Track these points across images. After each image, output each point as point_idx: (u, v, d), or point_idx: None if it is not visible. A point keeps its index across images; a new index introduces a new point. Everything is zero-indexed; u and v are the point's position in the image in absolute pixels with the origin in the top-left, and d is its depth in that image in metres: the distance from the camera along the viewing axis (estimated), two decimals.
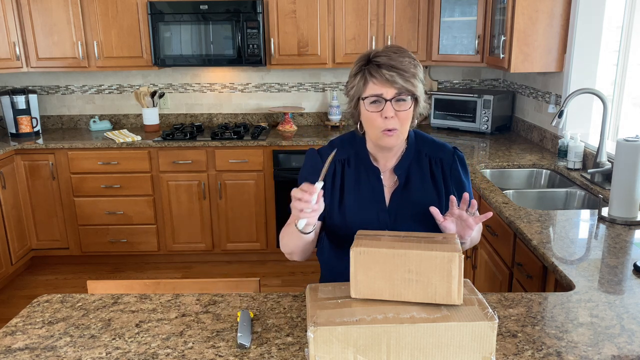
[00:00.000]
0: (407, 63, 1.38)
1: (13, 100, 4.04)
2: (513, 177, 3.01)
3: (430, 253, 1.10)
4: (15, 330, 1.34)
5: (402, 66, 1.37)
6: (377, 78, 1.38)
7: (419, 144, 1.56)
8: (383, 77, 1.37)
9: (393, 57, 1.38)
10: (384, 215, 1.52)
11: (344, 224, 1.54)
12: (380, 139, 1.44)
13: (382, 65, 1.37)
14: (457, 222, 1.39)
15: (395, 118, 1.40)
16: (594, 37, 3.04)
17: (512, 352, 1.20)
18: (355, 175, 1.55)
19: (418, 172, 1.54)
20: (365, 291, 1.13)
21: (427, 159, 1.55)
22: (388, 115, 1.39)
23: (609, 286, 1.54)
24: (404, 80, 1.37)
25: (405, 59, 1.39)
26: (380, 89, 1.38)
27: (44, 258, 4.13)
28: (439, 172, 1.54)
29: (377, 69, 1.38)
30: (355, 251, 1.12)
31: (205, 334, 1.30)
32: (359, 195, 1.54)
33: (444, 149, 1.57)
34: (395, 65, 1.37)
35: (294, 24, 3.88)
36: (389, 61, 1.37)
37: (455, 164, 1.56)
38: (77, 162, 3.83)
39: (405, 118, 1.41)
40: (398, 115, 1.40)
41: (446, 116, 4.04)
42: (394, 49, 1.42)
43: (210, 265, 4.08)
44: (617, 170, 2.03)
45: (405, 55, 1.41)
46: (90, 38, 3.91)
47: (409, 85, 1.38)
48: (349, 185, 1.55)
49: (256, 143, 3.80)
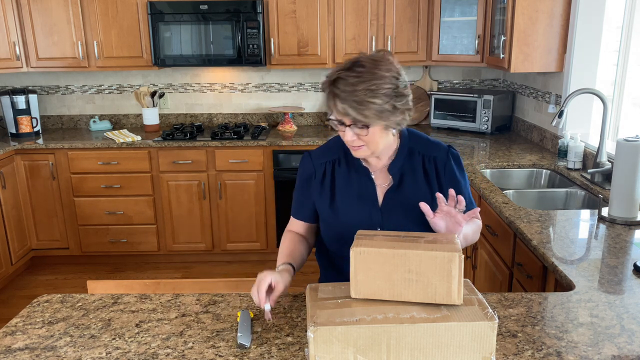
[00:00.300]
0: (364, 92, 1.34)
1: (13, 100, 4.04)
2: (513, 177, 3.01)
3: (430, 253, 1.10)
4: (15, 330, 1.34)
5: (355, 98, 1.34)
6: (333, 107, 1.39)
7: (413, 142, 1.56)
8: (337, 109, 1.38)
9: (350, 84, 1.35)
10: (376, 214, 1.53)
11: (337, 223, 1.56)
12: (351, 151, 1.48)
13: (337, 97, 1.36)
14: (446, 218, 1.39)
15: (358, 139, 1.42)
16: (594, 37, 3.04)
17: (512, 352, 1.20)
18: (346, 174, 1.57)
19: (411, 171, 1.54)
20: (365, 291, 1.13)
21: (420, 158, 1.55)
22: (347, 140, 1.43)
23: (609, 286, 1.54)
24: (357, 112, 1.35)
25: (363, 87, 1.34)
26: (338, 116, 1.40)
27: (44, 258, 4.13)
28: (432, 170, 1.55)
29: (333, 98, 1.38)
30: (355, 251, 1.12)
31: (205, 334, 1.30)
32: (350, 195, 1.55)
33: (437, 147, 1.57)
34: (348, 98, 1.34)
35: (294, 24, 3.88)
36: (343, 92, 1.35)
37: (450, 162, 1.55)
38: (77, 162, 3.83)
39: (368, 140, 1.42)
40: (360, 137, 1.41)
41: (446, 116, 4.04)
42: (355, 72, 1.36)
43: (210, 265, 4.08)
44: (617, 170, 2.03)
45: (366, 80, 1.35)
46: (90, 38, 3.91)
47: (360, 117, 1.36)
48: (340, 185, 1.57)
49: (256, 143, 3.80)
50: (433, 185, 1.53)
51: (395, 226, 1.51)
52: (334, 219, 1.56)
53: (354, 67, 1.37)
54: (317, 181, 1.59)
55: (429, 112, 4.25)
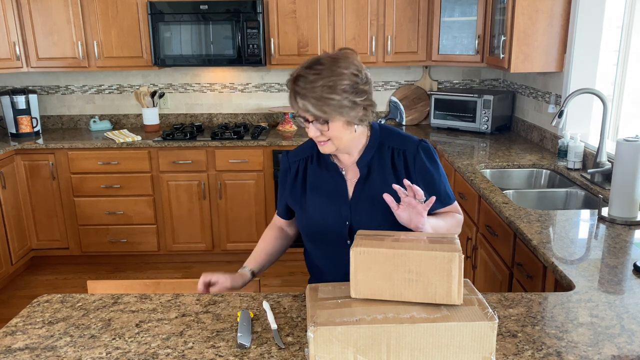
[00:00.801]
0: (321, 89, 1.38)
1: (13, 100, 4.04)
2: (513, 177, 3.01)
3: (430, 253, 1.10)
4: (15, 330, 1.34)
5: (313, 94, 1.39)
6: (294, 105, 1.45)
7: (383, 137, 1.58)
8: (298, 105, 1.43)
9: (309, 81, 1.39)
10: (345, 208, 1.56)
11: (308, 219, 1.60)
12: (319, 146, 1.51)
13: (297, 94, 1.41)
14: (408, 209, 1.40)
15: (322, 134, 1.46)
16: (594, 37, 3.04)
17: (512, 352, 1.20)
18: (317, 172, 1.61)
19: (379, 164, 1.56)
20: (365, 291, 1.13)
21: (389, 151, 1.57)
22: (311, 135, 1.47)
23: (609, 286, 1.54)
24: (316, 108, 1.40)
25: (321, 83, 1.38)
26: (300, 112, 1.45)
27: (44, 258, 4.13)
28: (401, 163, 1.55)
29: (294, 96, 1.43)
30: (355, 251, 1.12)
31: (205, 334, 1.30)
32: (321, 191, 1.59)
33: (408, 141, 1.58)
34: (307, 94, 1.39)
35: (294, 24, 3.88)
36: (303, 89, 1.40)
37: (419, 154, 1.55)
38: (77, 162, 3.83)
39: (332, 135, 1.46)
40: (323, 133, 1.45)
41: (446, 116, 4.04)
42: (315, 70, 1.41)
43: (210, 265, 4.08)
44: (617, 170, 2.03)
45: (324, 77, 1.39)
46: (90, 38, 3.91)
47: (319, 112, 1.40)
48: (311, 182, 1.61)
49: (256, 143, 3.80)
50: (401, 179, 1.54)
51: (363, 219, 1.53)
52: (304, 216, 1.61)
53: (313, 65, 1.42)
54: (290, 178, 1.65)
55: (429, 112, 4.25)
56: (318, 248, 1.64)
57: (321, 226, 1.57)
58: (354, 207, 1.55)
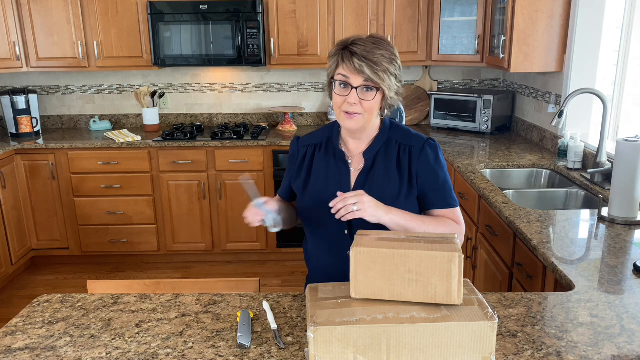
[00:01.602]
0: (380, 56, 1.43)
1: (13, 100, 4.04)
2: (513, 177, 3.01)
3: (430, 253, 1.10)
4: (15, 330, 1.34)
5: (373, 58, 1.42)
6: (347, 65, 1.44)
7: (393, 132, 1.60)
8: (352, 65, 1.42)
9: (369, 47, 1.43)
10: None
11: (309, 204, 1.60)
12: (342, 120, 1.51)
13: (354, 54, 1.42)
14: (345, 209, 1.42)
15: (359, 105, 1.46)
16: (594, 37, 3.04)
17: (512, 352, 1.20)
18: (324, 159, 1.61)
19: (384, 157, 1.57)
20: (365, 291, 1.13)
21: (396, 146, 1.57)
22: (351, 102, 1.45)
23: (609, 286, 1.54)
24: (372, 72, 1.42)
25: (380, 52, 1.43)
26: (349, 75, 1.44)
27: (44, 258, 4.13)
28: (405, 158, 1.56)
29: (350, 56, 1.43)
30: (355, 251, 1.12)
31: (205, 334, 1.30)
32: (324, 179, 1.59)
33: (416, 138, 1.58)
34: (367, 57, 1.42)
35: (294, 24, 3.88)
36: (362, 51, 1.42)
37: (425, 150, 1.55)
38: (77, 162, 3.83)
39: (369, 107, 1.47)
40: (362, 103, 1.46)
41: (446, 116, 4.04)
42: (374, 39, 1.46)
43: (210, 265, 4.08)
44: (617, 170, 2.03)
45: (383, 48, 1.45)
46: (90, 38, 3.91)
47: (376, 77, 1.43)
48: (317, 169, 1.61)
49: (256, 143, 3.80)
50: (404, 174, 1.55)
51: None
52: (305, 201, 1.61)
53: (368, 37, 1.47)
54: (297, 163, 1.65)
55: (429, 112, 4.25)
56: (316, 235, 1.63)
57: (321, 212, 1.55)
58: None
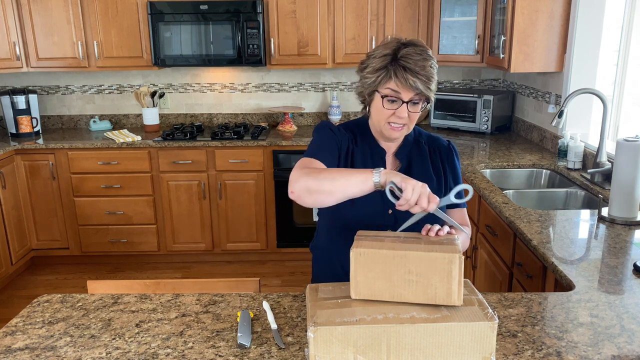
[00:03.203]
0: (430, 69, 1.41)
1: (13, 100, 4.04)
2: (513, 177, 3.01)
3: (430, 254, 1.10)
4: (15, 330, 1.34)
5: (425, 72, 1.39)
6: (400, 81, 1.40)
7: (416, 134, 1.63)
8: (407, 82, 1.39)
9: (418, 60, 1.39)
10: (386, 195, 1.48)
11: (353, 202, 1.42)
12: (386, 130, 1.48)
13: (407, 70, 1.39)
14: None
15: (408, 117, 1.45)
16: (594, 37, 3.04)
17: (512, 352, 1.20)
18: (362, 154, 1.57)
19: (419, 157, 1.59)
20: (365, 292, 1.13)
21: (426, 147, 1.61)
22: (401, 115, 1.43)
23: (609, 286, 1.54)
24: (425, 87, 1.40)
25: (428, 63, 1.41)
26: (400, 91, 1.41)
27: (44, 258, 4.13)
28: (437, 160, 1.61)
29: (403, 72, 1.39)
30: (355, 252, 1.12)
31: (205, 334, 1.30)
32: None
33: (440, 140, 1.65)
34: (419, 72, 1.39)
35: (294, 24, 3.88)
36: (414, 66, 1.39)
37: (451, 153, 1.63)
38: (77, 162, 3.83)
39: (414, 118, 1.47)
40: (410, 115, 1.45)
41: (446, 116, 4.04)
42: (418, 49, 1.42)
43: (210, 265, 4.08)
44: (617, 170, 2.03)
45: (430, 57, 1.42)
46: (90, 38, 3.91)
47: (427, 91, 1.42)
48: (358, 164, 1.55)
49: (256, 143, 3.80)
50: (439, 172, 1.59)
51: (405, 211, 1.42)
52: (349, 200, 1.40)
53: (412, 44, 1.43)
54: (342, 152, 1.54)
55: (429, 112, 4.26)
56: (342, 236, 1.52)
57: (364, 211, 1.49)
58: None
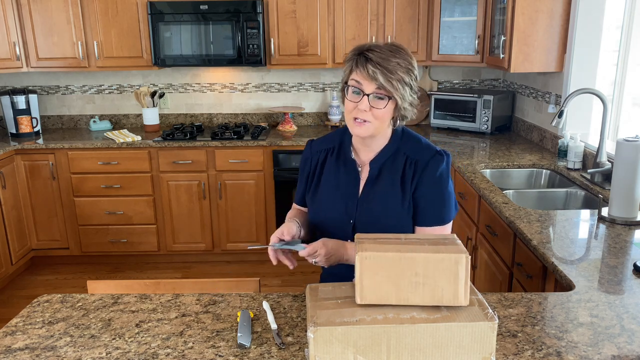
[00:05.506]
0: (396, 65, 1.41)
1: (13, 100, 4.04)
2: (513, 177, 3.01)
3: (437, 255, 1.09)
4: (15, 330, 1.34)
5: (388, 66, 1.40)
6: (361, 70, 1.42)
7: (403, 142, 1.56)
8: (366, 72, 1.41)
9: (385, 54, 1.41)
10: (352, 206, 1.56)
11: (317, 211, 1.60)
12: (351, 127, 1.50)
13: (369, 60, 1.41)
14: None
15: (369, 113, 1.44)
16: (594, 37, 3.04)
17: (512, 352, 1.20)
18: (335, 165, 1.61)
19: (390, 169, 1.55)
20: (371, 296, 1.10)
21: (403, 158, 1.54)
22: (361, 108, 1.44)
23: (609, 286, 1.54)
24: (386, 80, 1.40)
25: (396, 60, 1.41)
26: (362, 81, 1.43)
27: (44, 258, 4.13)
28: (410, 172, 1.52)
29: (365, 62, 1.41)
30: (360, 256, 1.11)
31: (205, 334, 1.30)
32: (334, 185, 1.59)
33: (424, 151, 1.53)
34: (382, 64, 1.39)
35: (294, 24, 3.88)
36: (378, 58, 1.40)
37: (428, 167, 1.50)
38: (77, 162, 3.83)
39: (379, 116, 1.45)
40: (373, 111, 1.44)
41: (446, 116, 4.04)
42: (391, 47, 1.44)
43: (210, 265, 4.08)
44: (617, 170, 2.03)
45: (400, 57, 1.42)
46: (90, 38, 3.91)
47: (389, 85, 1.40)
48: (327, 174, 1.61)
49: (256, 143, 3.80)
50: (406, 188, 1.52)
51: (367, 219, 1.53)
52: (313, 207, 1.62)
53: (385, 45, 1.44)
54: (310, 168, 1.66)
55: (429, 112, 4.25)
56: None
57: (328, 219, 1.58)
58: (360, 205, 1.55)
